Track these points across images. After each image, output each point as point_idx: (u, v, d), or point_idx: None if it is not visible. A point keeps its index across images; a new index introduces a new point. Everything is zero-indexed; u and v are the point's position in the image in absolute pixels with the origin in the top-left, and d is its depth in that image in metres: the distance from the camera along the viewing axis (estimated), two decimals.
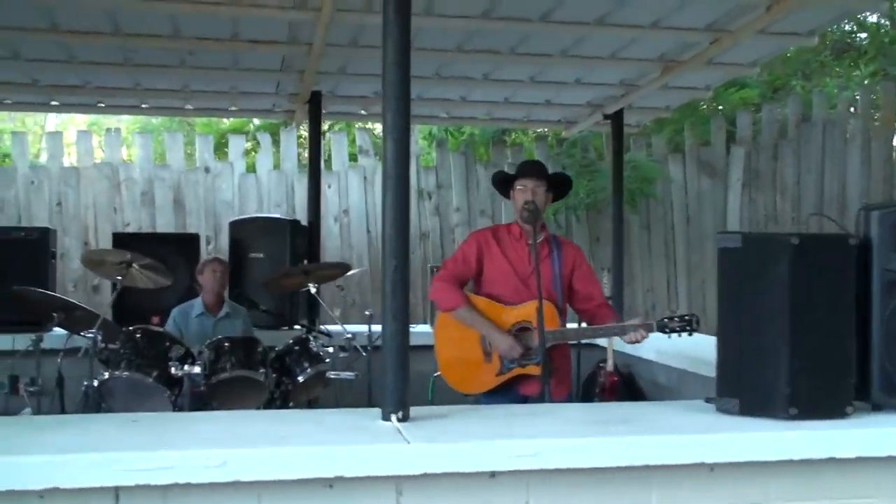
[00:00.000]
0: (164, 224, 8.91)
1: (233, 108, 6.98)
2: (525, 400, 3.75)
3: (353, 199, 9.62)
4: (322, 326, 5.73)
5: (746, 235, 2.90)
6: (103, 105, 7.00)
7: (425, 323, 7.05)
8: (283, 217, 7.14)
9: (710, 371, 5.22)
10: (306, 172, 9.60)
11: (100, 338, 4.11)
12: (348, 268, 5.20)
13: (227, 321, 5.28)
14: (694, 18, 4.80)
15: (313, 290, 4.87)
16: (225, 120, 12.05)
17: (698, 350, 5.32)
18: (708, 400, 3.22)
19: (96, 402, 4.43)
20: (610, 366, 5.47)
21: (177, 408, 4.38)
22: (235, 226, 6.58)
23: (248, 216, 7.65)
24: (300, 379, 4.62)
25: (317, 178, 6.49)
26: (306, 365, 4.65)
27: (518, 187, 3.84)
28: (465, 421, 2.88)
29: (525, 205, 3.77)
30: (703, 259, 10.21)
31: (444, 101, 6.74)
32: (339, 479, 2.44)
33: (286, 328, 6.05)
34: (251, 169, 9.55)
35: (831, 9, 4.73)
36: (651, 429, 2.79)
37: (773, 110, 10.62)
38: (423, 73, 5.87)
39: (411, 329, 5.34)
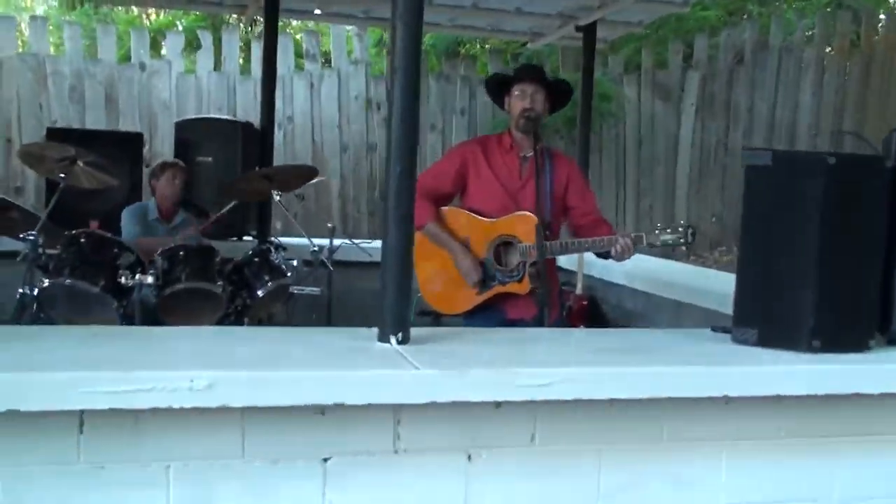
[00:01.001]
0: (95, 122, 8.35)
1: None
2: (513, 323, 3.53)
3: (297, 105, 9.15)
4: (273, 238, 5.38)
5: (778, 153, 2.66)
6: None
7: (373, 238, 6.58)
8: (235, 119, 6.66)
9: (680, 296, 5.15)
10: (249, 75, 9.12)
11: (40, 241, 3.70)
12: (315, 173, 4.82)
13: (181, 229, 4.90)
14: None
15: (277, 198, 4.50)
16: (146, 20, 11.30)
17: (665, 274, 5.19)
18: (714, 329, 3.04)
19: (33, 312, 4.05)
20: (579, 289, 5.28)
21: (124, 320, 4.03)
22: (182, 126, 6.10)
23: (196, 116, 7.16)
24: (260, 293, 4.30)
25: (272, 79, 6.05)
26: (267, 279, 4.32)
27: (515, 92, 3.52)
28: (469, 346, 2.64)
29: (523, 112, 3.47)
30: (652, 183, 10.12)
31: None
32: (335, 406, 2.17)
33: (235, 239, 5.68)
34: (190, 69, 8.98)
35: None
36: (665, 359, 2.59)
37: (731, 34, 10.44)
38: None
39: (365, 244, 5.07)
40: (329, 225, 4.75)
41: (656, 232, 3.40)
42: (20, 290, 4.06)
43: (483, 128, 9.68)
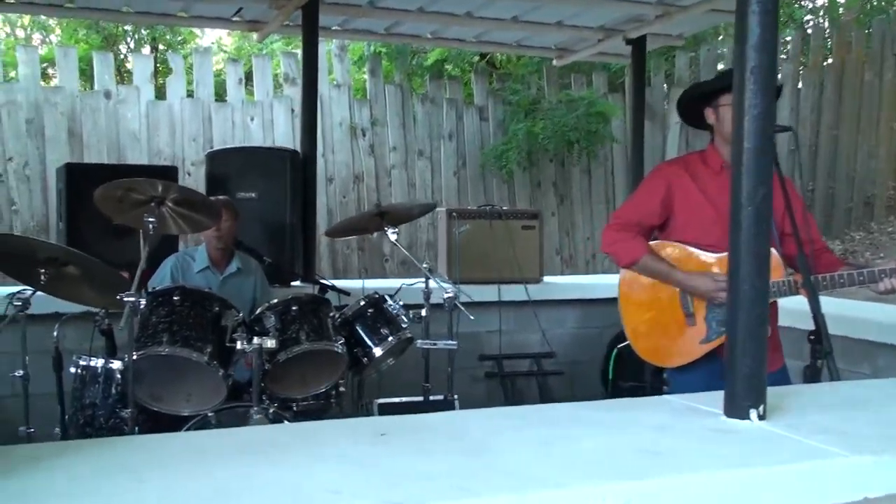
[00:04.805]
0: (56, 159, 7.38)
1: (182, 14, 5.63)
2: None
3: (278, 134, 8.40)
4: (322, 279, 4.68)
5: None
6: (13, 1, 5.47)
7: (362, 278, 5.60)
8: (282, 147, 5.91)
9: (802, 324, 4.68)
10: (225, 101, 8.35)
11: (142, 304, 2.94)
12: (434, 206, 4.16)
13: (237, 279, 4.15)
14: None
15: (393, 238, 3.84)
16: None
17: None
18: None
19: (105, 388, 3.29)
20: None
21: (231, 391, 3.30)
22: (215, 158, 5.30)
23: (234, 146, 6.42)
24: (378, 351, 3.62)
25: (312, 101, 5.36)
26: (385, 332, 3.63)
27: (724, 103, 2.98)
28: (825, 415, 2.09)
29: None
30: None
31: (445, 15, 5.69)
32: None
33: (277, 286, 4.94)
34: (160, 95, 8.14)
35: None
36: None
37: (710, 50, 10.28)
38: None
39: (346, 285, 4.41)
40: (424, 265, 4.10)
41: None
42: (76, 368, 3.30)
43: (472, 154, 9.17)
